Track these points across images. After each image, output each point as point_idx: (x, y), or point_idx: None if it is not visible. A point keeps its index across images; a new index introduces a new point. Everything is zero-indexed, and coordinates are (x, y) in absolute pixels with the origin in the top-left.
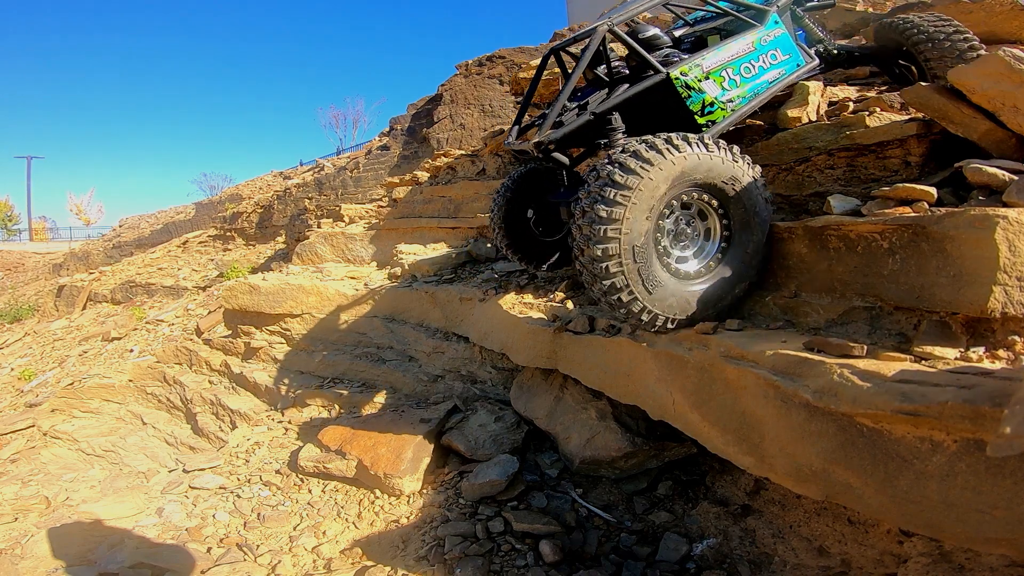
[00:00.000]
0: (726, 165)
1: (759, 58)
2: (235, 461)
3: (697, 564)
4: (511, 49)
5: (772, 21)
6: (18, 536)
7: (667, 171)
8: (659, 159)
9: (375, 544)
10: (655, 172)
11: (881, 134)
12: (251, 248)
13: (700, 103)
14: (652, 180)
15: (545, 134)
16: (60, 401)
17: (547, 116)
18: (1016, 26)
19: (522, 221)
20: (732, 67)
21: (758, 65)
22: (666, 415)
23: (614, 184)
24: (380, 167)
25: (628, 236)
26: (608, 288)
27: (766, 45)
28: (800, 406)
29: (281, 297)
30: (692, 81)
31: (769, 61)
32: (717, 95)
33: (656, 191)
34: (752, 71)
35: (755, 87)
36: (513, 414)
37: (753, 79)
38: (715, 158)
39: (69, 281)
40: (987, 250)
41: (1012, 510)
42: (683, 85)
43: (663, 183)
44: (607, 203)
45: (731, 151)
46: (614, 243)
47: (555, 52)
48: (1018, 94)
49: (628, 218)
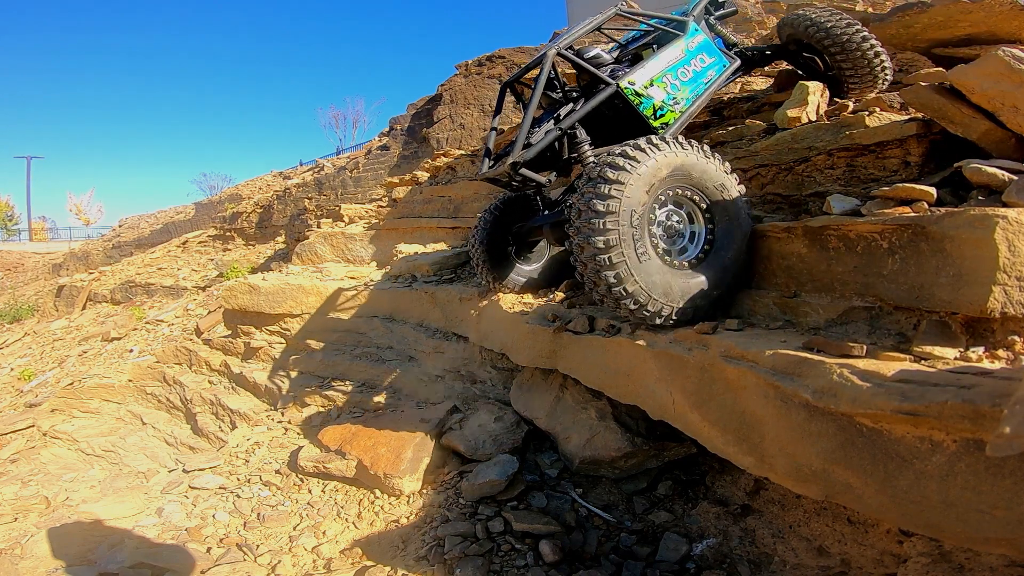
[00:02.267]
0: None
1: (691, 62)
2: (235, 461)
3: (697, 564)
4: (511, 49)
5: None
6: (18, 536)
7: (653, 166)
8: (644, 156)
9: (375, 544)
10: (641, 167)
11: (881, 134)
12: (251, 248)
13: (651, 108)
14: (640, 174)
15: (518, 154)
16: (60, 401)
17: (516, 140)
18: (1016, 26)
19: (501, 244)
20: (671, 73)
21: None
22: (666, 415)
23: (606, 180)
24: (380, 167)
25: (626, 226)
26: (612, 280)
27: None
28: (800, 406)
29: (281, 297)
30: (640, 89)
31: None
32: (664, 99)
33: (647, 183)
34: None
35: (694, 89)
36: (513, 414)
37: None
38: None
39: (69, 281)
40: (987, 250)
41: (1012, 510)
42: (633, 93)
43: (653, 176)
44: (602, 198)
45: (703, 148)
46: (612, 233)
47: (509, 85)
48: (1018, 94)
49: (624, 210)
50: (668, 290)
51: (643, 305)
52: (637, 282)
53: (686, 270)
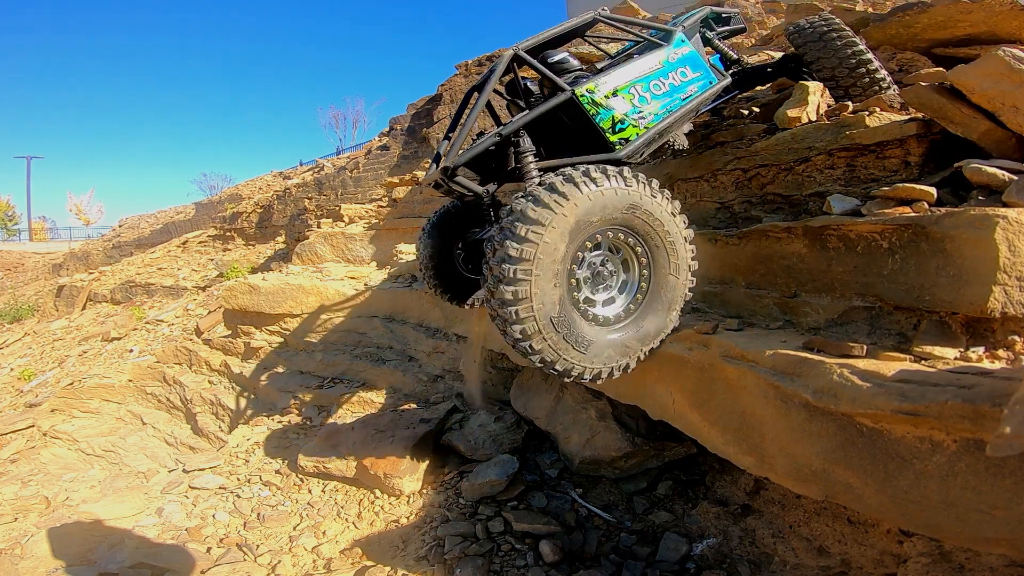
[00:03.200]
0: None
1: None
2: (235, 461)
3: (697, 564)
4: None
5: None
6: (18, 536)
7: (583, 206)
8: (575, 192)
9: (375, 544)
10: (570, 207)
11: (881, 134)
12: (251, 248)
13: (610, 120)
14: (566, 216)
15: (452, 159)
16: (60, 401)
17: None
18: (1016, 26)
19: (449, 258)
20: (641, 84)
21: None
22: (666, 415)
23: (526, 219)
24: (380, 167)
25: (540, 278)
26: (519, 335)
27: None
28: (800, 406)
29: (281, 297)
30: (599, 98)
31: (679, 79)
32: (627, 111)
33: (572, 228)
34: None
35: (668, 104)
36: (513, 414)
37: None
38: (633, 193)
39: (69, 281)
40: (987, 250)
41: (1012, 510)
42: (589, 102)
43: (580, 218)
44: (518, 240)
45: (651, 185)
46: (524, 285)
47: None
48: (1018, 94)
49: (540, 258)
50: (583, 347)
51: (550, 363)
52: (545, 340)
53: (608, 327)
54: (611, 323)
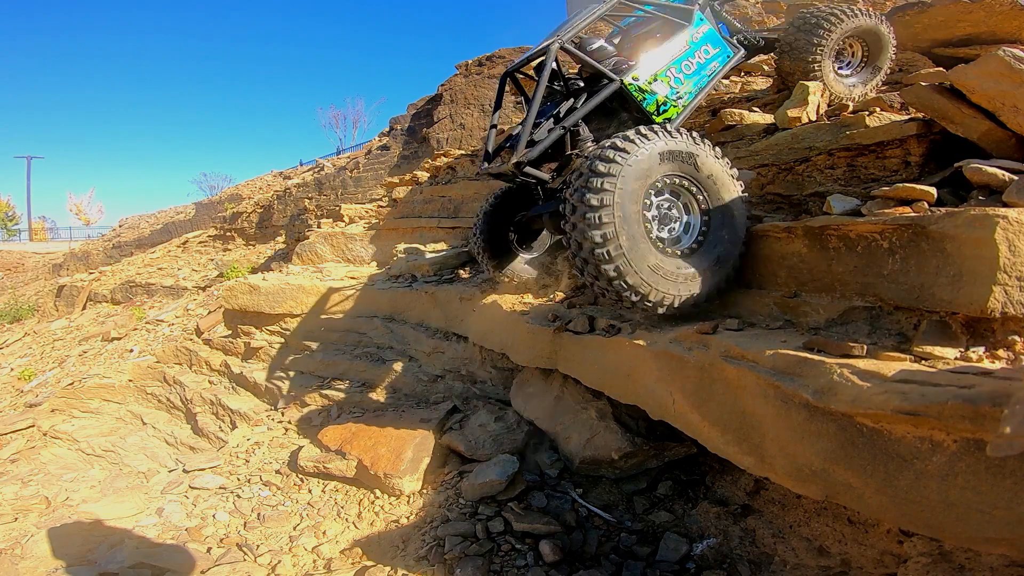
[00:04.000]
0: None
1: (695, 54)
2: (235, 461)
3: (697, 564)
4: (511, 49)
5: (698, 19)
6: (18, 536)
7: (643, 155)
8: (633, 146)
9: (375, 544)
10: (632, 158)
11: (881, 134)
12: (251, 248)
13: (655, 103)
14: (631, 165)
15: (521, 153)
16: (60, 401)
17: (520, 136)
18: (1016, 26)
19: (502, 234)
20: (675, 66)
21: (696, 61)
22: (666, 415)
23: (598, 173)
24: (380, 167)
25: (620, 219)
26: (614, 273)
27: (698, 42)
28: (800, 406)
29: (281, 297)
30: (643, 84)
31: (704, 56)
32: (667, 94)
33: (638, 174)
34: (692, 67)
35: (698, 81)
36: (513, 414)
37: (695, 74)
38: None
39: (69, 281)
40: (987, 250)
41: (1012, 510)
42: (636, 89)
43: (644, 167)
44: (595, 192)
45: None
46: (609, 227)
47: (509, 74)
48: (1018, 94)
49: (618, 201)
50: (668, 279)
51: (645, 296)
52: (637, 273)
53: (683, 258)
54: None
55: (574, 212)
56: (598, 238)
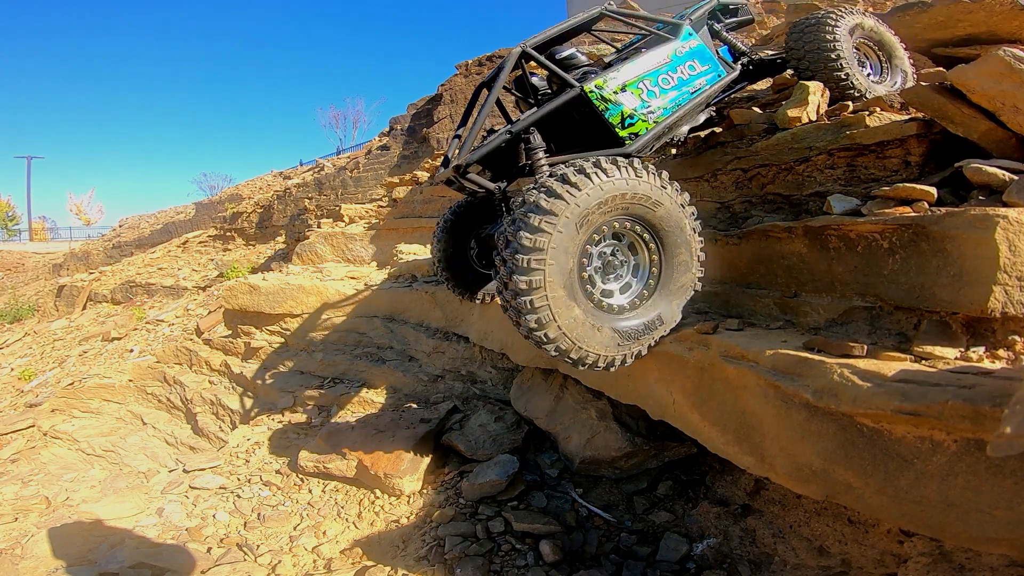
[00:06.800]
0: (654, 191)
1: (677, 69)
2: (235, 461)
3: (697, 564)
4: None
5: (686, 34)
6: (18, 536)
7: (594, 195)
8: (586, 183)
9: (375, 544)
10: (582, 197)
11: (881, 134)
12: (251, 248)
13: (619, 115)
14: (579, 206)
15: (463, 157)
16: (60, 401)
17: (464, 140)
18: (1016, 26)
19: (463, 253)
20: (649, 78)
21: (677, 76)
22: (666, 415)
23: (539, 210)
24: (380, 167)
25: (553, 267)
26: (534, 324)
27: (682, 56)
28: (800, 406)
29: (281, 297)
30: (608, 94)
31: (688, 72)
32: (636, 106)
33: (584, 217)
34: (671, 82)
35: (677, 98)
36: (513, 414)
37: (674, 89)
38: (643, 183)
39: (69, 281)
40: (987, 250)
41: (1012, 510)
42: (598, 98)
43: (590, 208)
44: (531, 230)
45: (660, 177)
46: (538, 274)
47: (485, 86)
48: (1018, 94)
49: (553, 247)
50: (597, 335)
51: (565, 352)
52: (560, 328)
53: (621, 313)
54: (623, 311)
55: (506, 246)
56: (523, 284)
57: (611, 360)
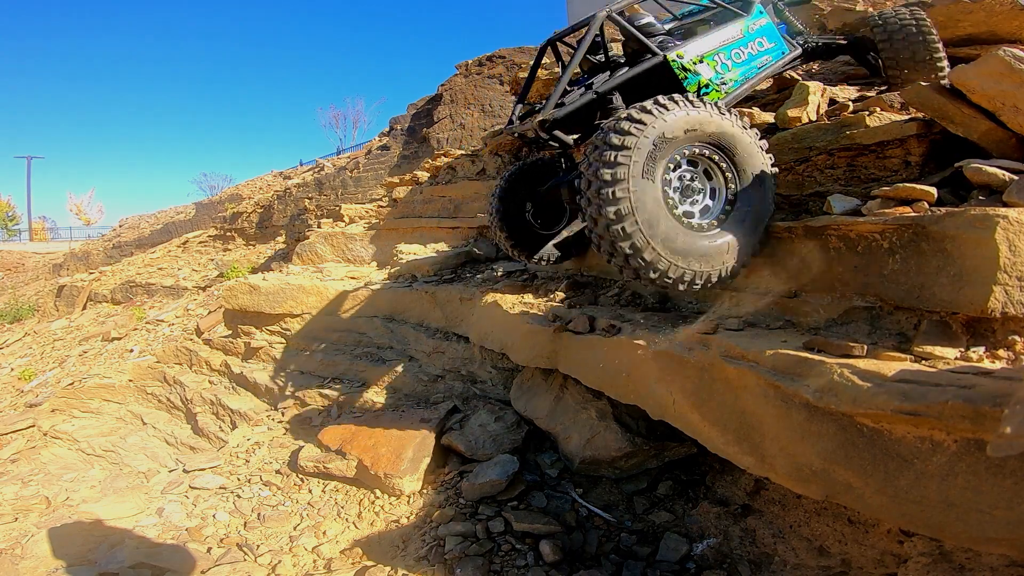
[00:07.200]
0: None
1: (748, 45)
2: (235, 461)
3: (697, 564)
4: (511, 49)
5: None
6: (18, 536)
7: (662, 127)
8: (650, 118)
9: (375, 544)
10: (649, 130)
11: (881, 134)
12: (251, 248)
13: (696, 85)
14: (649, 137)
15: (548, 112)
16: (60, 401)
17: (549, 98)
18: (1016, 26)
19: (520, 215)
20: (724, 52)
21: (747, 51)
22: (666, 415)
23: (612, 146)
24: (380, 167)
25: (636, 193)
26: (630, 250)
27: (753, 33)
28: (800, 406)
29: (281, 297)
30: (687, 63)
31: (757, 48)
32: (711, 77)
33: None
34: (742, 56)
35: (746, 72)
36: (513, 414)
37: (743, 64)
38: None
39: (69, 281)
40: (987, 250)
41: (1012, 510)
42: (679, 67)
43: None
44: (609, 166)
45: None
46: (624, 202)
47: (552, 43)
48: (1018, 94)
49: (633, 176)
50: (688, 253)
51: (664, 272)
52: (655, 249)
53: (707, 231)
54: (704, 230)
55: (589, 187)
56: (611, 214)
57: (707, 276)
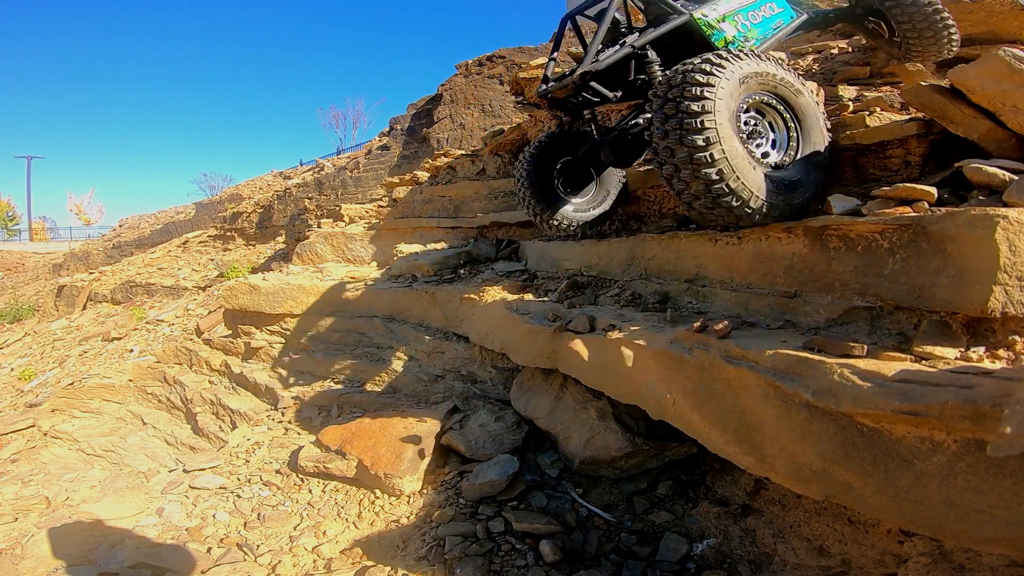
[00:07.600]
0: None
1: (761, 7)
2: (235, 461)
3: (697, 564)
4: (511, 49)
5: None
6: (18, 536)
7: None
8: (728, 63)
9: (375, 544)
10: (728, 72)
11: (881, 134)
12: (251, 248)
13: (722, 40)
14: (728, 78)
15: (588, 65)
16: (60, 401)
17: (585, 55)
18: (1016, 26)
19: (547, 182)
20: (742, 13)
21: (761, 14)
22: (666, 415)
23: (696, 82)
24: (380, 167)
25: (722, 126)
26: (716, 177)
27: None
28: (800, 406)
29: (281, 297)
30: (712, 22)
31: (769, 11)
32: (735, 35)
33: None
34: (758, 18)
35: (763, 32)
36: (513, 414)
37: (760, 25)
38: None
39: (69, 281)
40: (987, 250)
41: (1012, 510)
42: (705, 23)
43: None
44: (694, 99)
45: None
46: (711, 131)
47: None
48: (1019, 94)
49: (719, 109)
50: (762, 188)
51: (745, 201)
52: (739, 178)
53: (775, 171)
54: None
55: (666, 120)
56: (700, 141)
57: (783, 211)
